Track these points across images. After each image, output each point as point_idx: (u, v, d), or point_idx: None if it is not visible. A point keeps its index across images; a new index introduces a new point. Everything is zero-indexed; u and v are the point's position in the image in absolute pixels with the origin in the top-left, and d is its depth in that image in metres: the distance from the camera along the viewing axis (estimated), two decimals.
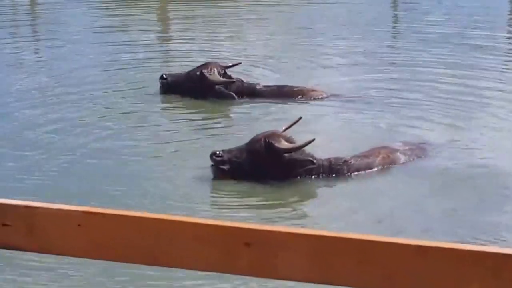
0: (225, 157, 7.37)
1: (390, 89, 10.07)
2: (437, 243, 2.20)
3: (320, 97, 9.75)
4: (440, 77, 10.48)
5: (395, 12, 16.08)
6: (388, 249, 2.19)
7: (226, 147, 7.54)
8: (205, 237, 2.27)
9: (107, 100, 9.74)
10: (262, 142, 7.34)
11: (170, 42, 13.66)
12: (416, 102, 9.55)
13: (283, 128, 7.61)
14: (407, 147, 7.90)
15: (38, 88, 10.27)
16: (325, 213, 6.86)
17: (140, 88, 10.15)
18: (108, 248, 2.35)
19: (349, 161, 7.50)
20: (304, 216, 6.86)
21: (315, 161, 7.32)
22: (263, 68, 11.18)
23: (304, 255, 2.21)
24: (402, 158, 7.74)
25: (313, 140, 7.27)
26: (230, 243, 2.26)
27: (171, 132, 8.68)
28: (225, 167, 7.33)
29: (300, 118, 7.71)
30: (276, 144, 7.29)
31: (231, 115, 9.62)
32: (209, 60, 10.56)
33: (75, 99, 9.72)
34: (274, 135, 7.41)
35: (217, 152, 7.37)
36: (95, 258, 2.45)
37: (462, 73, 10.64)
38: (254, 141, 7.43)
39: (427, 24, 13.93)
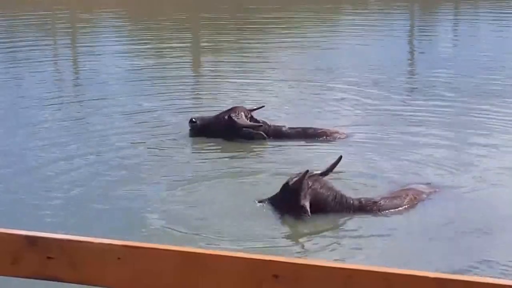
0: None
1: (409, 131, 10.12)
2: (455, 275, 2.22)
3: (342, 138, 9.81)
4: (449, 122, 10.56)
5: (412, 55, 16.25)
6: (409, 281, 2.21)
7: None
8: (235, 269, 2.30)
9: (137, 144, 9.76)
10: None
11: (200, 86, 13.81)
12: (431, 142, 9.61)
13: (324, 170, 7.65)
14: (432, 190, 7.94)
15: (72, 133, 10.39)
16: (351, 247, 6.86)
17: (169, 133, 10.19)
18: (145, 281, 2.38)
19: (379, 202, 7.53)
20: (331, 249, 6.85)
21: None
22: (285, 111, 11.26)
23: (331, 286, 2.23)
24: (427, 199, 7.77)
25: None
26: (258, 275, 2.28)
27: (202, 172, 8.72)
28: None
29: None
30: None
31: (259, 155, 9.63)
32: (236, 104, 10.67)
33: (103, 150, 9.67)
34: None
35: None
36: None
37: (474, 115, 10.75)
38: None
39: (444, 68, 14.06)
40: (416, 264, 6.32)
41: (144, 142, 9.77)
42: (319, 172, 7.64)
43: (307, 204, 7.32)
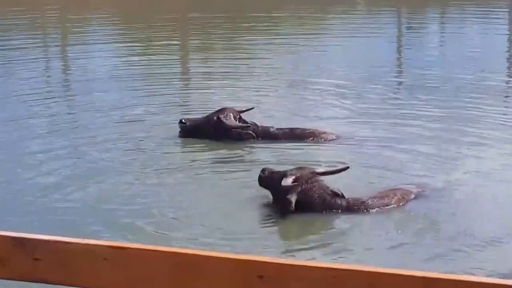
0: None
1: (398, 131, 10.10)
2: (442, 274, 2.21)
3: (330, 139, 9.80)
4: (438, 119, 10.56)
5: (400, 54, 16.30)
6: (396, 281, 2.19)
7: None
8: (220, 270, 2.28)
9: (127, 144, 9.74)
10: None
11: (190, 86, 13.79)
12: (420, 141, 9.61)
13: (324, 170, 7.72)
14: (420, 189, 7.94)
15: (59, 130, 10.36)
16: (338, 247, 6.87)
17: (158, 133, 10.18)
18: (132, 281, 2.36)
19: (366, 202, 7.54)
20: (317, 249, 6.85)
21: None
22: (275, 111, 11.25)
23: (316, 286, 2.21)
24: (415, 199, 7.78)
25: None
26: (243, 275, 2.27)
27: (190, 172, 8.71)
28: None
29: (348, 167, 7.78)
30: None
31: (247, 155, 9.63)
32: (225, 105, 10.67)
33: (89, 148, 9.63)
34: None
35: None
36: None
37: (459, 115, 10.77)
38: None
39: (428, 68, 14.09)
40: (403, 263, 6.31)
41: (133, 142, 9.76)
42: (320, 170, 7.66)
43: (293, 199, 7.36)
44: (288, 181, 7.45)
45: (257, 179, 7.78)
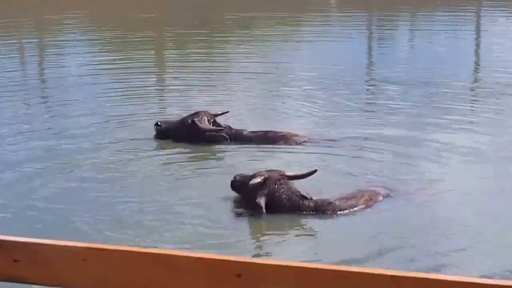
0: None
1: (368, 133, 10.14)
2: (410, 273, 2.24)
3: (301, 141, 9.86)
4: (409, 122, 10.64)
5: (368, 58, 16.39)
6: (366, 278, 2.23)
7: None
8: (200, 269, 2.30)
9: (101, 146, 9.70)
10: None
11: (165, 89, 13.77)
12: (390, 142, 9.66)
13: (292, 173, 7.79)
14: (388, 191, 8.00)
15: (35, 135, 10.31)
16: (308, 247, 6.93)
17: (134, 135, 10.16)
18: (110, 281, 2.37)
19: (334, 203, 7.60)
20: (289, 248, 6.89)
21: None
22: (249, 115, 11.27)
23: (291, 285, 2.24)
24: (382, 200, 7.83)
25: None
26: (221, 275, 2.29)
27: (164, 173, 8.72)
28: None
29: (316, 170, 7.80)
30: None
31: (220, 157, 9.64)
32: (200, 108, 10.68)
33: (65, 150, 9.56)
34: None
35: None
36: None
37: (430, 116, 10.84)
38: None
39: (400, 70, 14.18)
40: (369, 262, 6.36)
41: (108, 143, 9.74)
42: (289, 174, 7.72)
43: (262, 202, 7.43)
44: (256, 181, 7.53)
45: (230, 184, 7.83)
